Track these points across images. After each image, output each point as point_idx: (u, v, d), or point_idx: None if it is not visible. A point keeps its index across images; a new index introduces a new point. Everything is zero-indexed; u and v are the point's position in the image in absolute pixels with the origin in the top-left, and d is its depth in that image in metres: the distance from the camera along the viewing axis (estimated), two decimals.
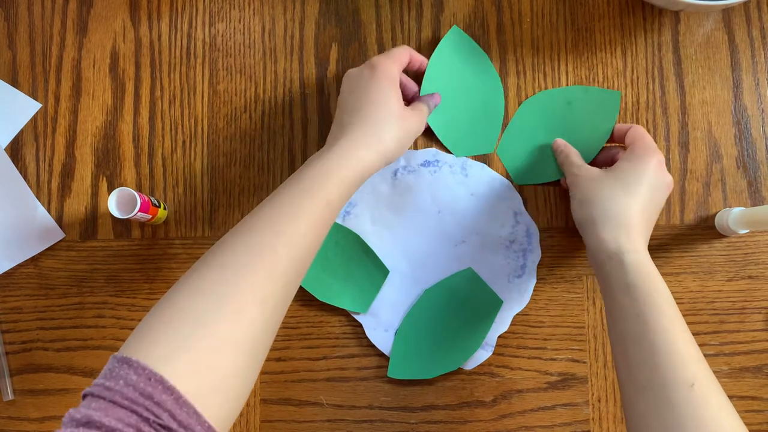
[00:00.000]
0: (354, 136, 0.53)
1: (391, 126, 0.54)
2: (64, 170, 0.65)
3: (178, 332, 0.41)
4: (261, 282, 0.44)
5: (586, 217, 0.56)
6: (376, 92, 0.55)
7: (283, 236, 0.47)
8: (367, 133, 0.53)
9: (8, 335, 0.64)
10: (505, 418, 0.63)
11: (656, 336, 0.48)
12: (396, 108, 0.55)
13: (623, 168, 0.56)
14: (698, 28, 0.66)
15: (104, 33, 0.67)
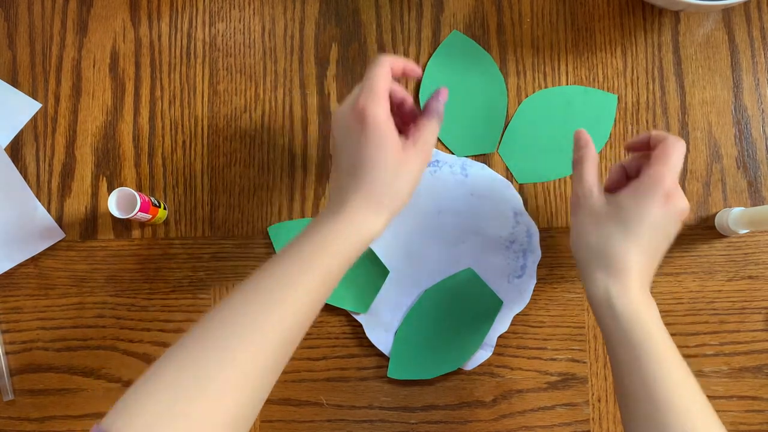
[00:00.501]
0: (356, 205, 0.49)
1: (393, 182, 0.49)
2: (64, 170, 0.65)
3: (159, 406, 0.40)
4: (248, 362, 0.43)
5: (580, 256, 0.52)
6: (370, 149, 0.49)
7: (275, 313, 0.45)
8: (369, 199, 0.49)
9: (8, 335, 0.64)
10: (505, 418, 0.63)
11: (656, 391, 0.46)
12: (394, 160, 0.49)
13: (625, 205, 0.50)
14: (698, 28, 0.66)
15: (104, 33, 0.67)
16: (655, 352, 0.47)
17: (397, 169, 0.49)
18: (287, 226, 0.64)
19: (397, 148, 0.49)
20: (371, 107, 0.49)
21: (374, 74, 0.50)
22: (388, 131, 0.49)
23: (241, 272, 0.64)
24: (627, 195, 0.51)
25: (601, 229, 0.51)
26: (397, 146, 0.49)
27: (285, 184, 0.65)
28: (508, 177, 0.65)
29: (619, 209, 0.51)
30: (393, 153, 0.49)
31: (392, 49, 0.66)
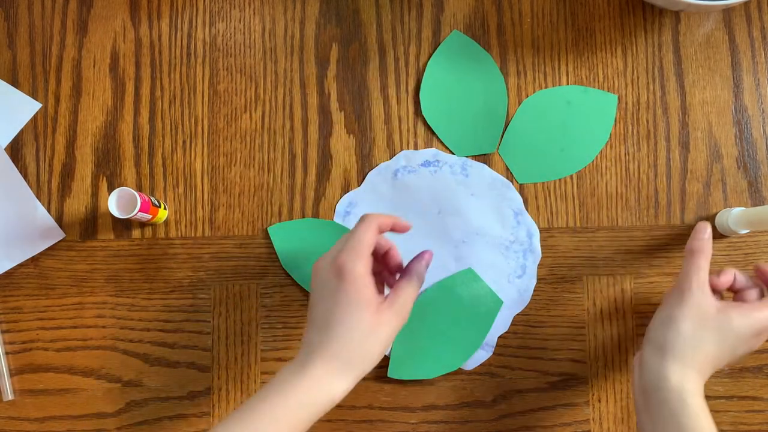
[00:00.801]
0: (321, 365, 0.48)
1: (363, 344, 0.48)
2: (64, 170, 0.65)
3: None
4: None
5: (663, 337, 0.52)
6: (343, 307, 0.48)
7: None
8: (337, 359, 0.48)
9: (8, 335, 0.64)
10: (506, 418, 0.63)
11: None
12: (368, 321, 0.48)
13: (735, 325, 0.52)
14: (698, 28, 0.66)
15: (104, 33, 0.67)
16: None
17: (369, 331, 0.49)
18: (287, 226, 0.64)
19: (371, 309, 0.49)
20: (350, 264, 0.49)
21: (359, 231, 0.51)
22: (365, 290, 0.49)
23: (240, 272, 0.64)
24: (742, 316, 0.52)
25: (701, 330, 0.52)
26: (373, 307, 0.49)
27: (285, 184, 0.65)
28: (509, 177, 0.65)
29: (728, 324, 0.52)
30: (367, 314, 0.48)
31: (392, 49, 0.66)
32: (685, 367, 0.51)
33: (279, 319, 0.64)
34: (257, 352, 0.63)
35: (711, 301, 0.52)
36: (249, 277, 0.64)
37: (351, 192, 0.65)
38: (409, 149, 0.65)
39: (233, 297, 0.64)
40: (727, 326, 0.51)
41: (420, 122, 0.65)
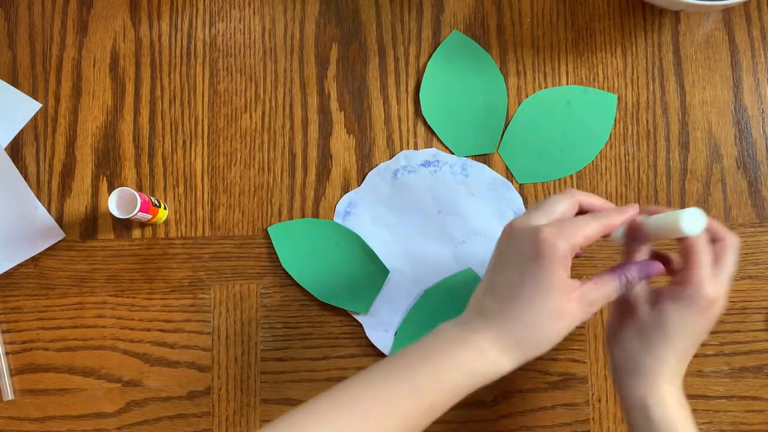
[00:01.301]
0: (494, 335, 0.45)
1: (542, 329, 0.45)
2: (64, 170, 0.65)
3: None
4: None
5: (618, 359, 0.50)
6: (535, 284, 0.44)
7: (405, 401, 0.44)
8: (511, 335, 0.44)
9: (8, 335, 0.64)
10: (506, 418, 0.63)
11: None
12: (556, 308, 0.44)
13: (667, 317, 0.47)
14: (698, 28, 0.66)
15: (104, 33, 0.67)
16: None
17: (554, 317, 0.44)
18: (287, 226, 0.64)
19: (563, 295, 0.44)
20: (557, 241, 0.44)
21: (563, 208, 0.47)
22: (563, 273, 0.44)
23: (240, 272, 0.64)
24: (671, 304, 0.47)
25: (643, 339, 0.49)
26: (565, 293, 0.45)
27: (285, 184, 0.65)
28: (508, 177, 0.65)
29: (662, 318, 0.48)
30: (558, 299, 0.44)
31: (392, 49, 0.66)
32: (643, 380, 0.48)
33: (279, 319, 0.64)
34: (257, 352, 0.63)
35: (646, 309, 0.49)
36: (249, 277, 0.64)
37: (351, 192, 0.65)
38: (409, 149, 0.65)
39: (233, 297, 0.64)
40: (664, 323, 0.47)
41: (420, 122, 0.65)
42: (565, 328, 0.45)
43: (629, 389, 0.49)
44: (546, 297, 0.44)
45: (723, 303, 0.48)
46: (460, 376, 0.45)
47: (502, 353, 0.45)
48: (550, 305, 0.44)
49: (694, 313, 0.47)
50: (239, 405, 0.63)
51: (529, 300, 0.45)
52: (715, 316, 0.48)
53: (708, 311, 0.47)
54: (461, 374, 0.45)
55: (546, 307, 0.44)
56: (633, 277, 0.48)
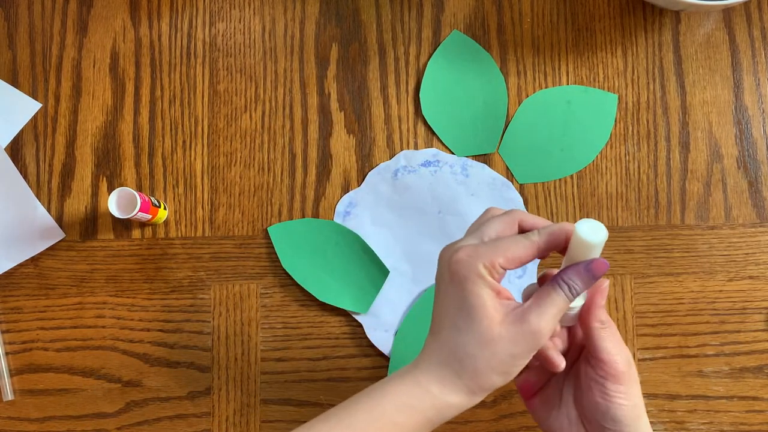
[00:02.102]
0: (428, 368, 0.42)
1: (476, 359, 0.41)
2: (64, 170, 0.65)
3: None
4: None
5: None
6: (456, 311, 0.42)
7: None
8: (446, 366, 0.42)
9: (8, 335, 0.64)
10: (506, 418, 0.63)
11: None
12: (482, 335, 0.41)
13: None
14: (699, 27, 0.66)
15: (104, 33, 0.67)
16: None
17: (482, 345, 0.41)
18: (287, 226, 0.64)
19: (487, 320, 0.41)
20: (470, 261, 0.41)
21: (491, 226, 0.43)
22: (483, 296, 0.41)
23: (240, 272, 0.64)
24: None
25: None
26: (491, 317, 0.41)
27: (285, 184, 0.65)
28: (509, 177, 0.65)
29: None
30: (483, 325, 0.41)
31: (392, 49, 0.66)
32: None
33: (279, 319, 0.64)
34: (257, 352, 0.63)
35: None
36: (249, 277, 0.64)
37: (351, 192, 0.65)
38: (409, 149, 0.65)
39: (233, 297, 0.64)
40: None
41: (420, 122, 0.65)
42: (504, 356, 0.41)
43: None
44: (470, 322, 0.41)
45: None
46: (399, 414, 0.42)
47: (443, 386, 0.42)
48: (476, 330, 0.41)
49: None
50: (239, 405, 0.63)
51: (455, 327, 0.42)
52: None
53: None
54: (399, 411, 0.42)
55: (472, 334, 0.41)
56: (572, 280, 0.42)
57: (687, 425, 0.62)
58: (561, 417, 0.47)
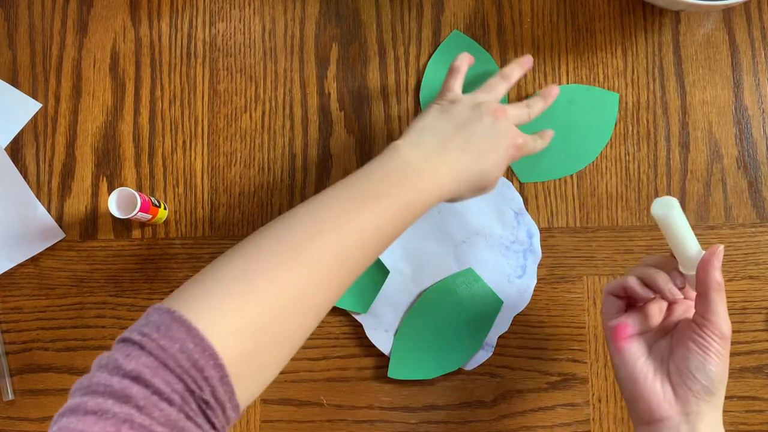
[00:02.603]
0: (452, 169, 0.51)
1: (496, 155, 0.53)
2: (64, 170, 0.65)
3: (231, 292, 0.41)
4: (318, 246, 0.44)
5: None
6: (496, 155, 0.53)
7: (363, 215, 0.46)
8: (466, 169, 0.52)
9: (8, 335, 0.64)
10: (506, 418, 0.63)
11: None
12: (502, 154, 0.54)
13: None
14: (699, 28, 0.66)
15: (104, 33, 0.67)
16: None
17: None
18: None
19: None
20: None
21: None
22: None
23: None
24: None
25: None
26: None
27: (285, 184, 0.65)
28: (509, 177, 0.65)
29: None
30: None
31: (392, 49, 0.66)
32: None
33: None
34: None
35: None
36: None
37: None
38: None
39: None
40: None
41: None
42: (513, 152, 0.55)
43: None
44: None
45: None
46: (417, 206, 0.49)
47: (451, 184, 0.51)
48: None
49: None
50: None
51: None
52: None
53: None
54: (420, 202, 0.49)
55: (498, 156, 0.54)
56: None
57: None
58: (647, 365, 0.49)
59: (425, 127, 0.53)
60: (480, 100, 0.55)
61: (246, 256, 0.43)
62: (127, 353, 0.37)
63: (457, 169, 0.51)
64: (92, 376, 0.37)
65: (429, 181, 0.49)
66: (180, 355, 0.37)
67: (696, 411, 0.47)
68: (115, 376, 0.36)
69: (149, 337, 0.37)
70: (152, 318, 0.39)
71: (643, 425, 0.48)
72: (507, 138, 0.54)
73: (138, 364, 0.36)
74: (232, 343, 0.39)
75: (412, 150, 0.51)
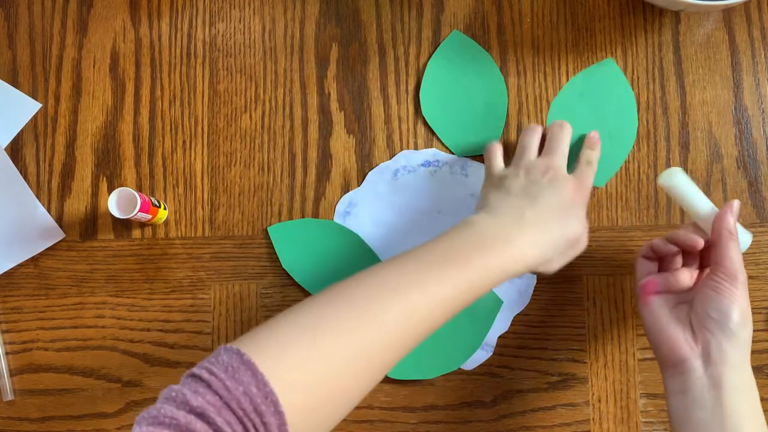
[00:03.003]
0: (533, 237, 0.51)
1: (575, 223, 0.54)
2: (64, 170, 0.65)
3: (299, 345, 0.42)
4: (386, 325, 0.45)
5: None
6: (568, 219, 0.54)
7: (427, 293, 0.47)
8: (544, 236, 0.52)
9: (8, 335, 0.64)
10: (506, 418, 0.63)
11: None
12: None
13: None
14: (699, 28, 0.66)
15: (104, 33, 0.67)
16: None
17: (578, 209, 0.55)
18: (287, 226, 0.64)
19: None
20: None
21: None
22: None
23: (240, 272, 0.64)
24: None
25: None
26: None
27: (285, 184, 0.65)
28: None
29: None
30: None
31: (392, 49, 0.66)
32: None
33: None
34: None
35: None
36: (249, 277, 0.64)
37: (351, 192, 0.65)
38: (409, 149, 0.65)
39: (233, 297, 0.64)
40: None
41: (420, 122, 0.65)
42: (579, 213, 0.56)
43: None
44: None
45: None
46: (501, 275, 0.50)
47: (534, 250, 0.51)
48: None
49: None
50: None
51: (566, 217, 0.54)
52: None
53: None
54: (502, 272, 0.50)
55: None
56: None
57: None
58: (670, 316, 0.53)
59: (490, 204, 0.55)
60: (526, 165, 0.57)
61: (319, 311, 0.45)
62: (195, 389, 0.39)
63: (536, 232, 0.52)
64: (160, 408, 0.38)
65: (505, 248, 0.50)
66: (243, 397, 0.39)
67: (717, 352, 0.49)
68: (181, 410, 0.38)
69: (217, 376, 0.39)
70: (222, 357, 0.41)
71: (669, 369, 0.51)
72: (569, 188, 0.55)
73: (204, 401, 0.38)
74: (293, 394, 0.40)
75: (487, 221, 0.52)
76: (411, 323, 0.46)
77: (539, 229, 0.52)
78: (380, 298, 0.45)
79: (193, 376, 0.40)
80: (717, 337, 0.49)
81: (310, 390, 0.41)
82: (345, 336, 0.43)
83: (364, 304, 0.45)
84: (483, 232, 0.51)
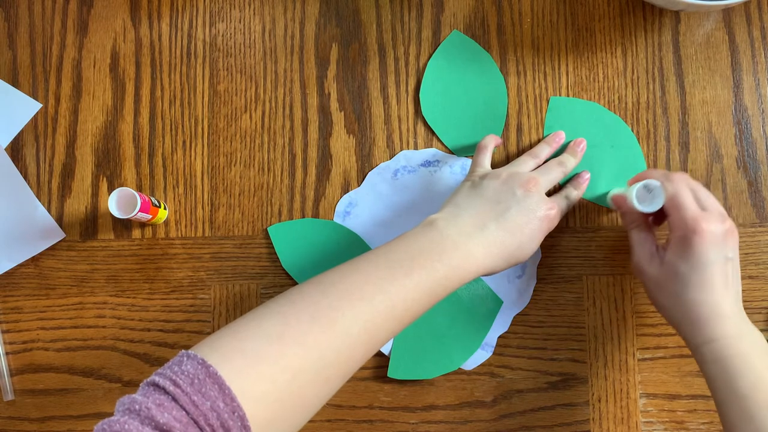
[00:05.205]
0: (489, 249, 0.52)
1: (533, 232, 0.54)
2: (64, 170, 0.65)
3: (265, 356, 0.42)
4: (350, 327, 0.45)
5: (665, 315, 0.55)
6: (533, 228, 0.54)
7: (391, 292, 0.48)
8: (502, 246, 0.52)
9: (8, 335, 0.64)
10: (506, 418, 0.63)
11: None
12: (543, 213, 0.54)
13: (675, 266, 0.53)
14: (698, 28, 0.66)
15: (104, 33, 0.67)
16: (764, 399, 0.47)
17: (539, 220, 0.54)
18: (287, 226, 0.64)
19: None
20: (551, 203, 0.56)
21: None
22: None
23: (240, 272, 0.64)
24: (672, 254, 0.53)
25: (666, 294, 0.53)
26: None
27: (285, 184, 0.65)
28: None
29: (674, 271, 0.53)
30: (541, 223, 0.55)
31: (392, 49, 0.66)
32: (695, 331, 0.52)
33: None
34: None
35: (656, 266, 0.56)
36: (249, 277, 0.64)
37: (351, 192, 0.65)
38: (409, 149, 0.65)
39: (233, 297, 0.64)
40: (677, 273, 0.53)
41: (420, 122, 0.65)
42: (551, 224, 0.56)
43: (692, 344, 0.52)
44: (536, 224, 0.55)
45: (721, 224, 0.52)
46: (451, 280, 0.50)
47: (487, 261, 0.52)
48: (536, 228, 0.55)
49: (694, 248, 0.51)
50: None
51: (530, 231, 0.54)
52: (722, 235, 0.52)
53: (707, 237, 0.51)
54: (455, 277, 0.50)
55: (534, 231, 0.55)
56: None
57: (687, 425, 0.62)
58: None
59: (459, 203, 0.54)
60: (510, 172, 0.56)
61: (285, 318, 0.44)
62: (159, 402, 0.38)
63: (493, 245, 0.52)
64: (124, 422, 0.37)
65: (465, 256, 0.50)
66: (210, 413, 0.38)
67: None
68: (147, 426, 0.37)
69: (182, 389, 0.39)
70: (186, 367, 0.40)
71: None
72: (540, 210, 0.54)
73: (170, 417, 0.37)
74: (259, 408, 0.40)
75: (449, 225, 0.52)
76: (373, 331, 0.46)
77: (498, 244, 0.52)
78: (345, 308, 0.46)
79: (155, 386, 0.39)
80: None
81: (275, 402, 0.41)
82: (311, 349, 0.44)
83: (329, 313, 0.45)
84: (445, 237, 0.51)
